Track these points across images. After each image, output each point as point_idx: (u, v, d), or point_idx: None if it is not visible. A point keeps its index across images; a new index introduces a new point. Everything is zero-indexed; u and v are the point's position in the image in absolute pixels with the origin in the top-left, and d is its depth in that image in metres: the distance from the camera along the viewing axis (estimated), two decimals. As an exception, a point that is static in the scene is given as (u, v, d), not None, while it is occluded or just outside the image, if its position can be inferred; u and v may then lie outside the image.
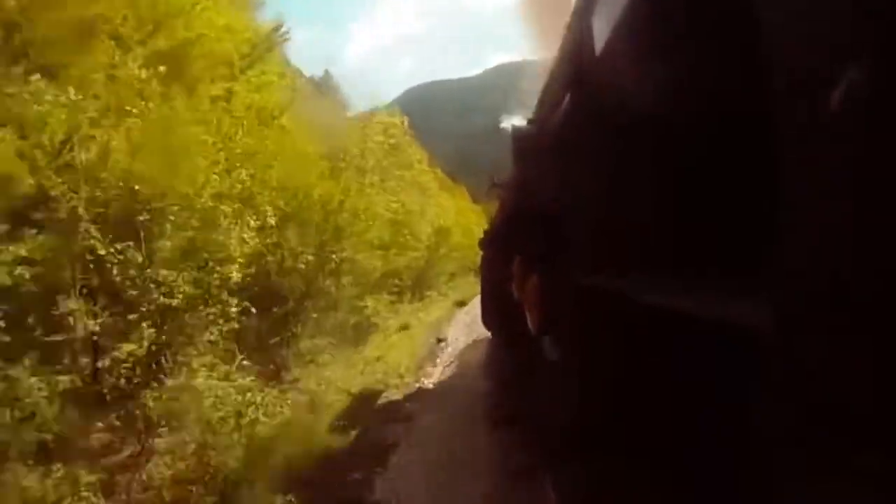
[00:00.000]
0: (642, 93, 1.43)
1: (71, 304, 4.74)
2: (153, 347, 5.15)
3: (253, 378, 6.17)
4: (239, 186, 6.47)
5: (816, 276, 0.56)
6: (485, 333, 9.63)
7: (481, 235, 8.80)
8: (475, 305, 11.90)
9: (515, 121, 3.96)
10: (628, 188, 1.61)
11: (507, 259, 4.82)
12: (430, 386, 8.06)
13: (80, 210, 4.75)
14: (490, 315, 8.14)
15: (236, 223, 6.20)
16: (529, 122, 3.45)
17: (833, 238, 0.54)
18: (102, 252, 4.84)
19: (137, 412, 4.96)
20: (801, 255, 0.59)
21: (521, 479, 4.07)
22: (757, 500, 0.81)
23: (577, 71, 1.93)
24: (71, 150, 4.74)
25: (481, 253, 9.20)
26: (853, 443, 0.52)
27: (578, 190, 2.00)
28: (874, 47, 0.47)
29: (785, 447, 0.66)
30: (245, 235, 6.32)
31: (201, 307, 5.69)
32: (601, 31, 1.55)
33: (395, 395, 7.52)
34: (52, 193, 4.61)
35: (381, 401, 7.25)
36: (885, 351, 0.47)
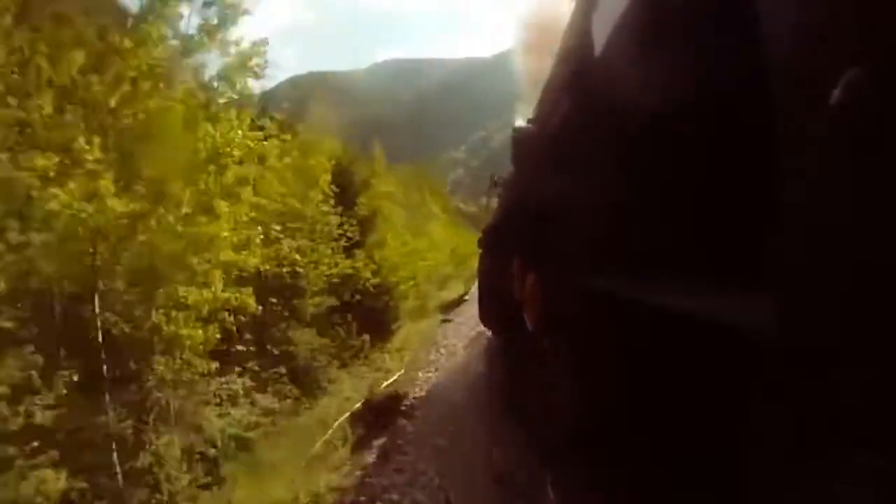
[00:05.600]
0: (641, 93, 1.43)
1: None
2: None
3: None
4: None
5: (817, 276, 0.57)
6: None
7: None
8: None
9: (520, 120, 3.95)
10: (628, 188, 1.61)
11: (506, 258, 4.82)
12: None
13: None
14: (489, 314, 8.13)
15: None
16: (529, 121, 3.45)
17: (833, 238, 0.54)
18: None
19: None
20: (801, 254, 0.59)
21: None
22: (757, 499, 0.81)
23: (577, 71, 1.93)
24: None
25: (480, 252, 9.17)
26: (853, 443, 0.52)
27: (578, 190, 2.00)
28: (874, 46, 0.47)
29: (785, 447, 0.66)
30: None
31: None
32: (600, 31, 1.55)
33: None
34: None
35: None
36: (886, 351, 0.48)
